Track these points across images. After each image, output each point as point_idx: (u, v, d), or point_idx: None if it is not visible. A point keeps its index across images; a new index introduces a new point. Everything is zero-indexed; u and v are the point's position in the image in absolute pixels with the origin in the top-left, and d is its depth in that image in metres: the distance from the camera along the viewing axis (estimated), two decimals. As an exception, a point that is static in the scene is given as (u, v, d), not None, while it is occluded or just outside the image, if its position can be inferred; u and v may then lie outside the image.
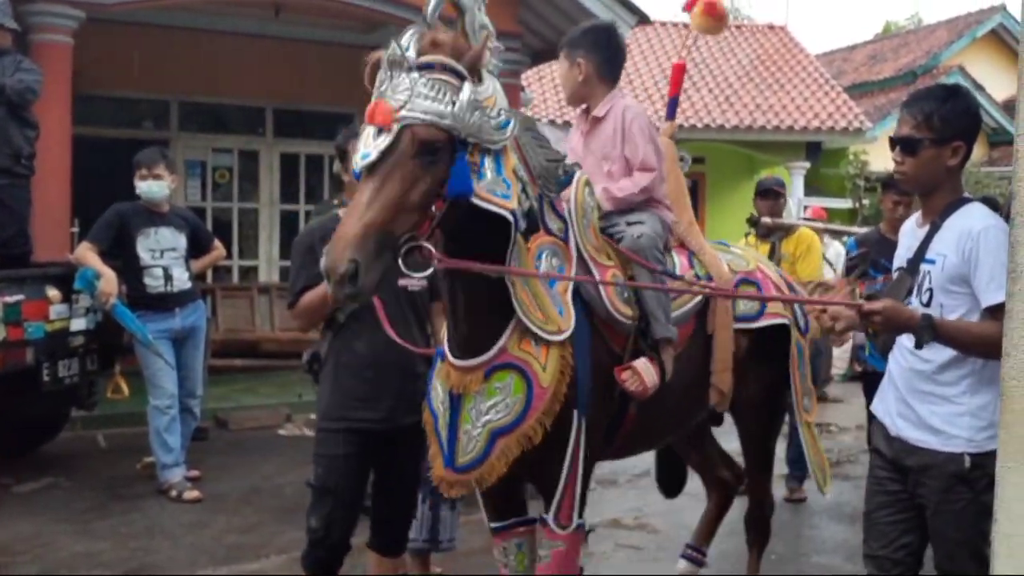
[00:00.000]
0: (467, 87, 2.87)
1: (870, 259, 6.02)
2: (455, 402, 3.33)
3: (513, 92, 11.49)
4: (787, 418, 7.31)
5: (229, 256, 12.35)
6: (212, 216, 12.66)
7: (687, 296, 3.88)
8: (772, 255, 6.92)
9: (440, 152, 2.86)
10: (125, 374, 7.14)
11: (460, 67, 2.89)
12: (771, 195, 7.26)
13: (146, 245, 6.65)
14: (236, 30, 12.07)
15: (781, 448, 7.45)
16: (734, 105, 20.20)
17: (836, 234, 10.43)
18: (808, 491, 7.18)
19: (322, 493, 3.98)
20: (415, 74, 2.85)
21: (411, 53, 2.87)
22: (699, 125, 19.17)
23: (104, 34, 10.30)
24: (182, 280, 6.78)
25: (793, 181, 19.40)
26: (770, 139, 19.73)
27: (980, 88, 21.53)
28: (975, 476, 3.07)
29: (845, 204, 21.21)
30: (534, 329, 3.23)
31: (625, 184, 3.80)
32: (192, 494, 6.60)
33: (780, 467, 7.24)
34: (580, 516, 3.47)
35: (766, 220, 6.89)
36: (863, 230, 7.16)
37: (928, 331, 2.99)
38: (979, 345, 3.02)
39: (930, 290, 3.18)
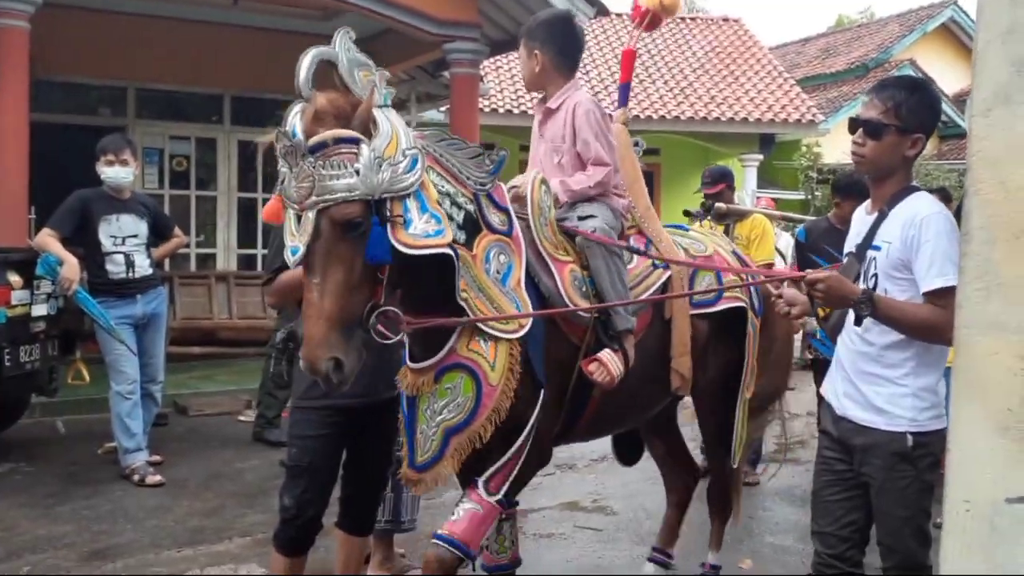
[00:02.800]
0: (364, 150, 2.92)
1: (818, 246, 6.17)
2: (412, 403, 3.47)
3: (472, 82, 11.57)
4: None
5: (186, 244, 12.35)
6: (169, 204, 12.60)
7: (643, 285, 3.99)
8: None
9: (362, 222, 2.94)
10: (85, 360, 7.15)
11: (351, 133, 2.93)
12: (716, 194, 7.43)
13: (108, 231, 6.65)
14: (194, 17, 12.03)
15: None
16: (689, 97, 20.32)
17: (789, 223, 10.63)
18: (760, 475, 7.34)
19: (296, 473, 4.04)
20: (311, 158, 2.90)
21: (300, 137, 2.92)
22: (654, 117, 19.27)
23: (61, 19, 10.26)
24: (144, 266, 6.79)
25: (746, 174, 19.60)
26: (724, 131, 19.87)
27: (931, 81, 21.81)
28: (918, 455, 3.20)
29: (798, 196, 21.46)
30: (494, 333, 3.34)
31: (580, 178, 3.89)
32: (154, 478, 6.63)
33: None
34: (508, 495, 3.54)
35: (720, 206, 7.06)
36: (813, 219, 7.34)
37: (867, 305, 3.09)
38: (914, 325, 3.13)
39: (875, 275, 3.29)
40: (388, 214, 2.99)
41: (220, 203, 13.30)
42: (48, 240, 6.45)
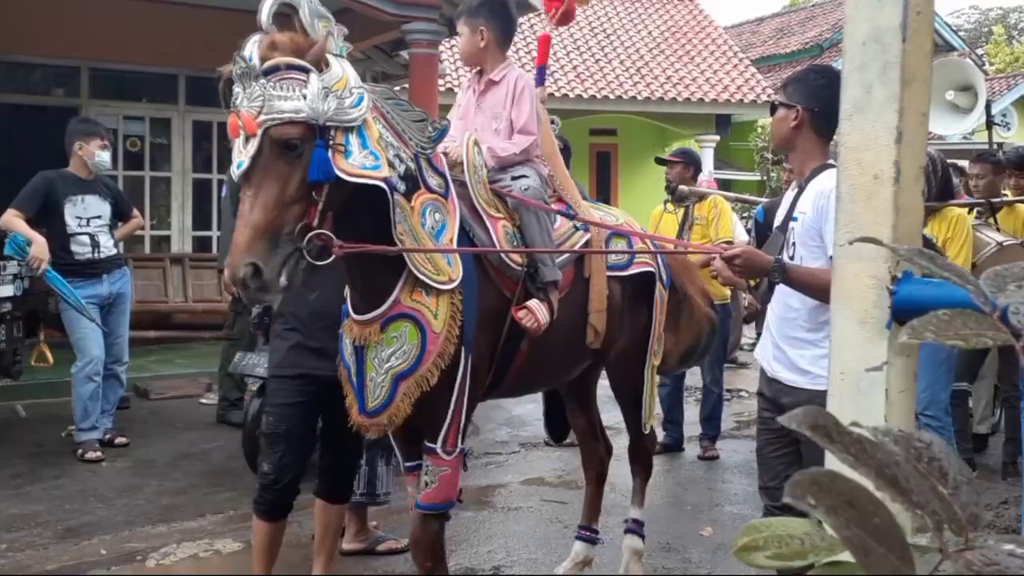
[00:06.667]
0: (314, 78, 3.10)
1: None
2: (360, 353, 3.60)
3: (432, 62, 11.58)
4: (700, 382, 7.67)
5: (143, 226, 12.26)
6: (123, 185, 12.46)
7: (567, 244, 4.22)
8: (686, 218, 7.29)
9: (303, 144, 3.11)
10: (49, 343, 7.13)
11: (302, 63, 3.11)
12: (670, 164, 7.66)
13: (73, 212, 6.68)
14: (149, -4, 11.91)
15: (694, 411, 7.80)
16: (645, 77, 20.39)
17: (745, 204, 10.85)
18: (720, 450, 7.52)
19: (273, 440, 4.19)
20: (263, 80, 3.07)
21: (255, 62, 3.08)
22: (611, 96, 19.34)
23: (13, -2, 10.15)
24: (108, 247, 6.83)
25: (703, 154, 19.77)
26: (681, 111, 20.00)
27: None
28: None
29: (754, 177, 21.69)
30: (427, 281, 3.51)
31: (507, 145, 4.11)
32: (95, 454, 6.72)
33: (694, 428, 7.58)
34: (462, 442, 3.75)
35: (683, 188, 7.24)
36: (770, 200, 7.53)
37: (779, 273, 3.34)
38: (822, 288, 3.30)
39: (793, 244, 3.54)
40: (330, 141, 3.16)
41: (175, 184, 13.16)
42: (15, 220, 6.46)
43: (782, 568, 0.92)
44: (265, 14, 3.15)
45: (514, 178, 4.05)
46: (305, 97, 3.06)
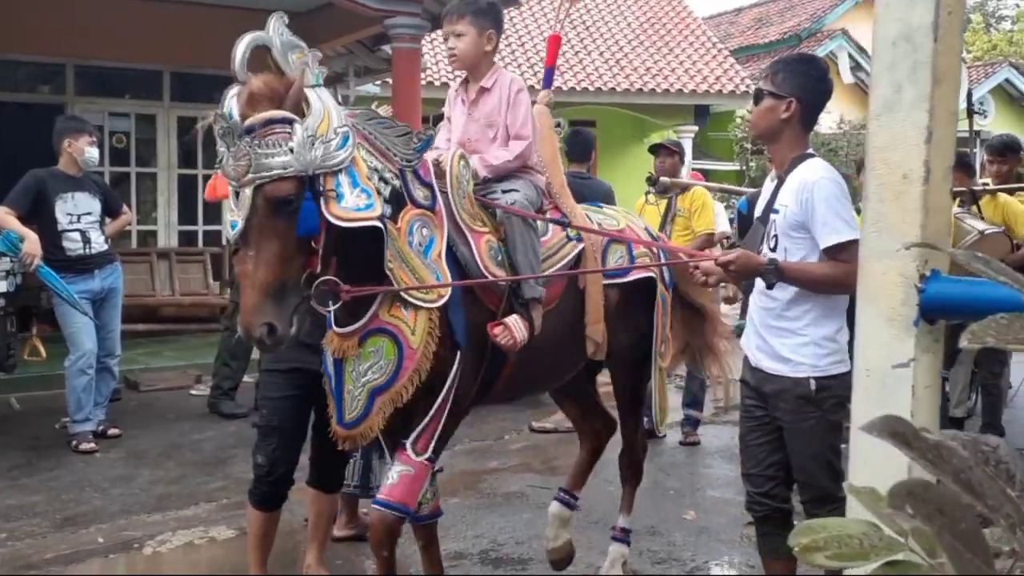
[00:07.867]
0: (298, 128, 3.11)
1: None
2: (338, 366, 3.65)
3: (415, 57, 11.63)
4: (683, 368, 7.78)
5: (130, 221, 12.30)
6: (110, 181, 12.49)
7: (558, 256, 4.18)
8: (668, 210, 7.39)
9: (297, 198, 3.13)
10: (41, 338, 7.24)
11: (285, 114, 3.10)
12: (662, 151, 7.75)
13: (64, 209, 6.80)
14: (133, -7, 11.94)
15: (676, 397, 7.92)
16: (624, 68, 20.47)
17: (727, 194, 10.99)
18: (701, 435, 7.65)
19: (267, 432, 4.30)
20: (247, 138, 3.06)
21: (236, 118, 3.09)
22: (590, 88, 19.42)
23: (-3, -4, 10.20)
24: (99, 242, 6.96)
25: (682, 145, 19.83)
26: (660, 102, 20.09)
27: (863, 52, 22.27)
28: (821, 397, 3.53)
29: (733, 167, 21.80)
30: (415, 302, 3.53)
31: (500, 153, 4.06)
32: (88, 445, 6.86)
33: (676, 414, 7.70)
34: (435, 452, 3.75)
35: (664, 180, 7.34)
36: (752, 191, 7.64)
37: (774, 273, 3.43)
38: (817, 282, 3.47)
39: (776, 236, 3.61)
40: (321, 188, 3.18)
41: (160, 180, 13.22)
42: (7, 218, 6.57)
43: (840, 568, 0.97)
44: (238, 63, 3.11)
45: (504, 191, 4.00)
46: (292, 151, 3.07)
